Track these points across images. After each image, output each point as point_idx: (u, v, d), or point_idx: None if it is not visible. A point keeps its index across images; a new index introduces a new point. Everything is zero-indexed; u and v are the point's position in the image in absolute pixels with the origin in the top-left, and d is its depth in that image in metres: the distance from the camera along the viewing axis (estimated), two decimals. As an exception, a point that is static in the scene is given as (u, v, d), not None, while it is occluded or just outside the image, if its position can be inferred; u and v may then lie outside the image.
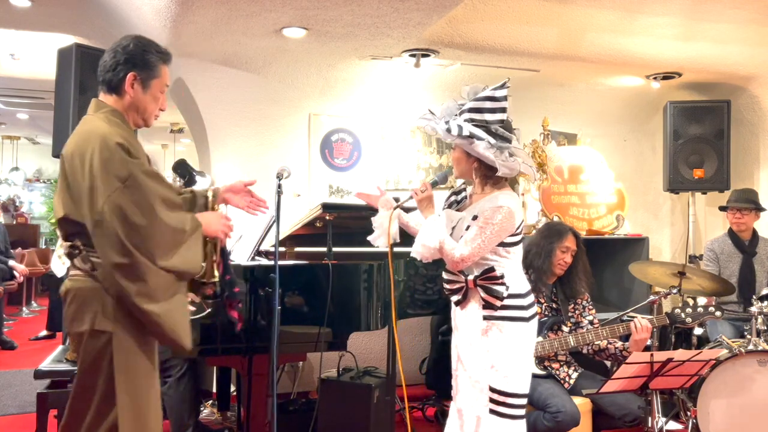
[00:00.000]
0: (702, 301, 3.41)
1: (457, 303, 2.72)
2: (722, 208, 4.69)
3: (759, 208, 4.50)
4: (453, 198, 2.84)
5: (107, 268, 2.02)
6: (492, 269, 2.62)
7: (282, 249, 3.84)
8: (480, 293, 2.63)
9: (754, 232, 4.55)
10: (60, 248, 4.83)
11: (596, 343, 3.39)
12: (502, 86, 2.66)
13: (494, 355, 2.61)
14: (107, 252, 2.00)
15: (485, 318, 2.63)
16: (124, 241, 1.98)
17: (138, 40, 2.23)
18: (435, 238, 2.60)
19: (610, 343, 3.39)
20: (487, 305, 2.62)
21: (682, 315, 3.40)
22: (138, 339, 2.10)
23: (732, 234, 4.56)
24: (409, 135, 5.53)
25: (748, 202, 4.48)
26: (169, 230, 2.06)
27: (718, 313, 3.39)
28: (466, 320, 2.69)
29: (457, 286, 2.71)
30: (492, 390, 2.61)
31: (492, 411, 2.61)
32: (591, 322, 3.45)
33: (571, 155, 5.44)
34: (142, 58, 2.19)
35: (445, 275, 2.77)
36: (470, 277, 2.65)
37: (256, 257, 3.57)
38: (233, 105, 5.09)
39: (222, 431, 4.05)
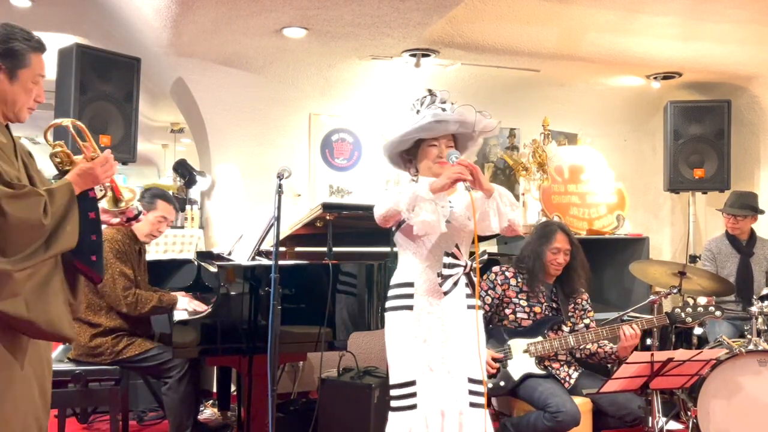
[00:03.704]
0: (702, 300, 3.41)
1: (447, 292, 2.60)
2: (720, 210, 4.69)
3: (756, 213, 4.49)
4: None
5: None
6: (485, 253, 2.63)
7: (282, 249, 3.84)
8: (465, 280, 2.61)
9: (752, 232, 4.55)
10: None
11: (587, 347, 3.39)
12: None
13: (473, 344, 2.57)
14: None
15: (469, 307, 2.63)
16: None
17: (3, 27, 2.06)
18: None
19: (600, 347, 3.39)
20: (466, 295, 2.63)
21: (683, 315, 3.40)
22: (2, 355, 1.93)
23: (729, 235, 4.56)
24: (409, 135, 5.53)
25: (744, 208, 4.46)
26: (25, 224, 1.88)
27: (718, 313, 3.39)
28: (455, 313, 2.63)
29: (456, 272, 2.58)
30: (471, 381, 2.58)
31: (472, 404, 2.57)
32: (587, 326, 3.45)
33: (572, 155, 5.45)
34: (6, 47, 2.01)
35: (448, 260, 2.58)
36: (470, 263, 2.60)
37: (257, 257, 3.57)
38: (233, 105, 5.10)
39: (222, 431, 4.05)
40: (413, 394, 2.55)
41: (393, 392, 2.61)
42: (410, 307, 2.58)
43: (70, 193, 2.01)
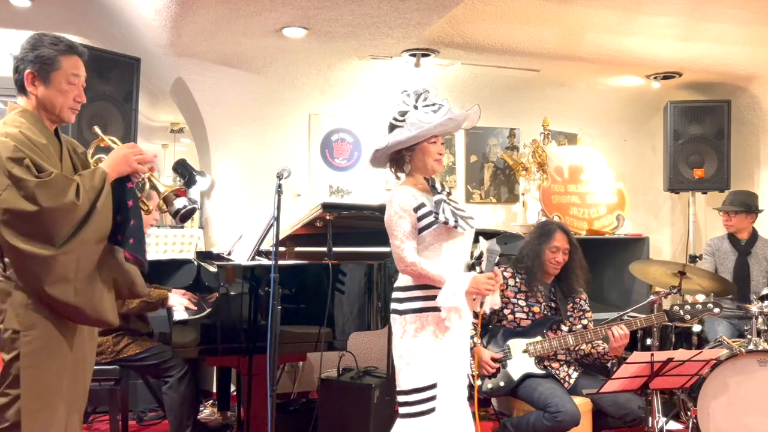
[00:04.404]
0: (701, 298, 3.40)
1: None
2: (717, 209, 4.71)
3: (749, 211, 4.49)
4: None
5: (12, 264, 2.06)
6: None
7: (282, 249, 3.84)
8: None
9: (754, 232, 4.55)
10: None
11: (581, 348, 3.39)
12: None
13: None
14: (6, 248, 2.04)
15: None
16: (18, 235, 2.01)
17: (32, 36, 2.21)
18: None
19: (594, 347, 3.39)
20: None
21: (681, 312, 3.39)
22: (50, 339, 2.09)
23: (730, 234, 4.58)
24: (409, 135, 5.52)
25: (737, 204, 4.48)
26: (59, 209, 2.03)
27: (716, 310, 3.38)
28: (466, 313, 2.68)
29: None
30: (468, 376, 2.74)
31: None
32: (584, 327, 3.45)
33: (572, 155, 5.45)
34: (35, 54, 2.17)
35: (471, 262, 2.73)
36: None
37: (257, 257, 3.57)
38: (233, 105, 5.09)
39: (222, 431, 4.05)
40: (433, 398, 2.56)
41: (411, 397, 2.56)
42: (438, 308, 2.57)
43: (102, 175, 2.14)
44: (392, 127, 2.63)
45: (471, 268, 2.67)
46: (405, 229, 2.56)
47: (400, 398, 2.60)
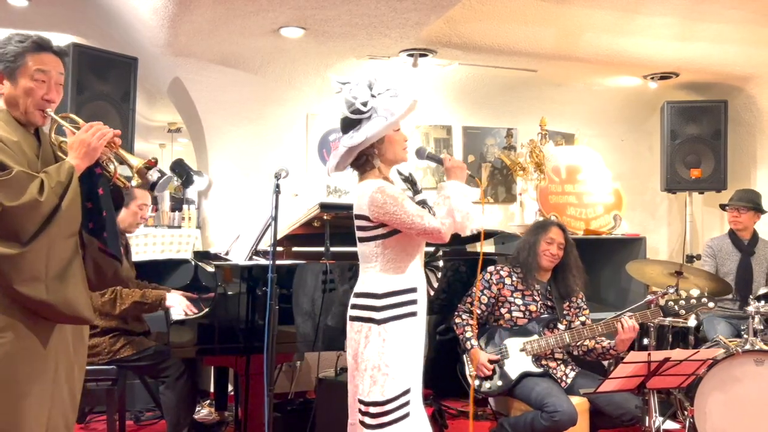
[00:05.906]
0: (695, 293, 3.40)
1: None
2: (723, 207, 4.70)
3: (758, 209, 4.50)
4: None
5: None
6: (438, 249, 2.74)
7: (279, 249, 3.84)
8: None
9: (755, 233, 4.56)
10: None
11: (584, 344, 3.39)
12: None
13: None
14: None
15: None
16: None
17: (5, 36, 2.15)
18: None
19: (598, 343, 3.39)
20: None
21: (676, 307, 3.39)
22: (24, 343, 2.03)
23: (732, 234, 4.57)
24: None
25: (746, 201, 4.49)
26: (22, 206, 1.97)
27: (711, 304, 3.38)
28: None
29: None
30: None
31: None
32: (583, 323, 3.45)
33: (569, 155, 5.46)
34: (1, 52, 2.11)
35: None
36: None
37: (254, 257, 3.57)
38: (231, 104, 5.09)
39: (219, 431, 4.05)
40: (408, 402, 2.48)
41: (387, 407, 2.45)
42: (415, 314, 2.51)
43: (68, 169, 2.07)
44: (355, 122, 2.44)
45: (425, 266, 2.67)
46: (411, 205, 2.42)
47: (373, 409, 2.46)
